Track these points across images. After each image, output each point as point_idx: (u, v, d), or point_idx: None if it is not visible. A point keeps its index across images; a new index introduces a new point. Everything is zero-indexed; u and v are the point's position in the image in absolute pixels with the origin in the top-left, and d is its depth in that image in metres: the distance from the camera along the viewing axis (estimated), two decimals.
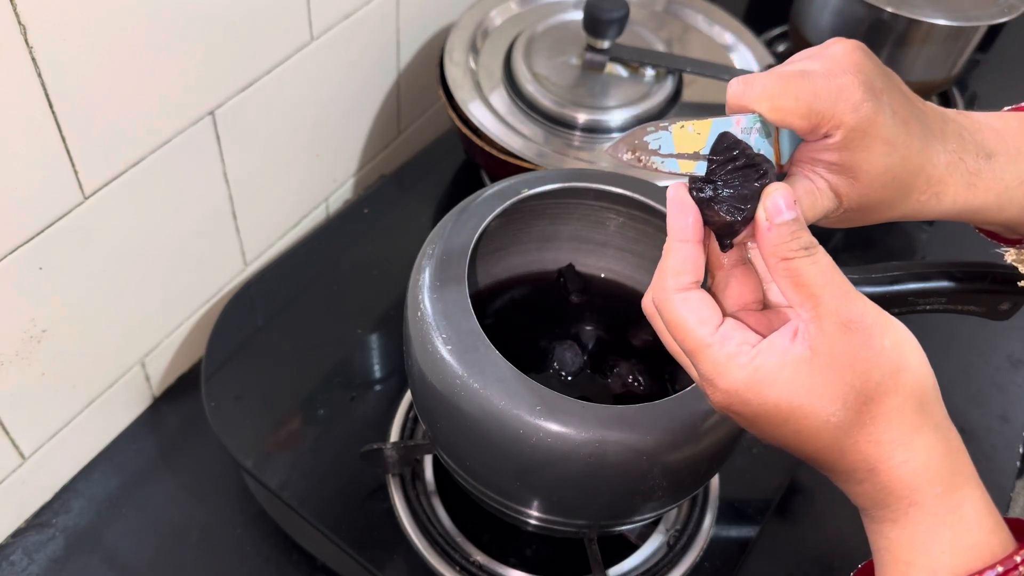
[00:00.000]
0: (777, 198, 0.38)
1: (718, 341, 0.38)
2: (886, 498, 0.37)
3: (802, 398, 0.36)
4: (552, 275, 0.67)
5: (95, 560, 0.69)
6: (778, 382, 0.37)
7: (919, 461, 0.37)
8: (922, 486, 0.37)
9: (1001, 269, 0.64)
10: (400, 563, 0.64)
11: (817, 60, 0.41)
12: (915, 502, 0.37)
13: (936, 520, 0.36)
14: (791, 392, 0.37)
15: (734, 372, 0.37)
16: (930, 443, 0.37)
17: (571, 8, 0.92)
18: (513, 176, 0.60)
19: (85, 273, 0.64)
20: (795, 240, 0.37)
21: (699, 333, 0.38)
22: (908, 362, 0.37)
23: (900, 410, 0.36)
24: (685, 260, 0.40)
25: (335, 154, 0.88)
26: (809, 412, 0.37)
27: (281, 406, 0.73)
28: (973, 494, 0.37)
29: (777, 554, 0.69)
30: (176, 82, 0.63)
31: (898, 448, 0.36)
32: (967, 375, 0.86)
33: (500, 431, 0.48)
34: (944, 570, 0.36)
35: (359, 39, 0.81)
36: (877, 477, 0.37)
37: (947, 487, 0.37)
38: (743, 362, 0.37)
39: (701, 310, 0.39)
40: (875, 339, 0.36)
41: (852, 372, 0.36)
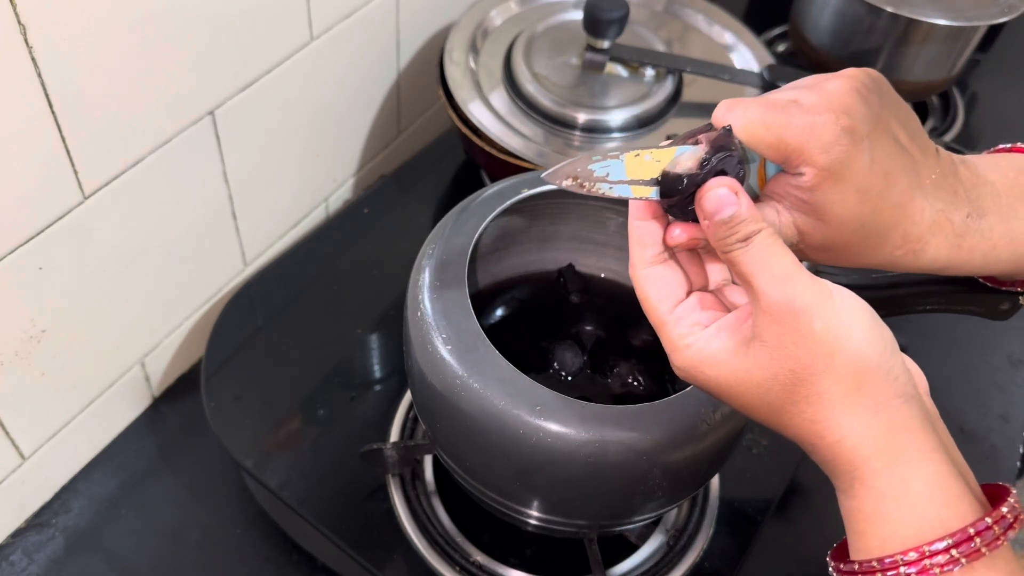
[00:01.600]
0: (716, 194, 0.39)
1: (672, 321, 0.41)
2: (833, 470, 0.39)
3: (739, 376, 0.39)
4: (552, 275, 0.67)
5: (95, 560, 0.69)
6: (719, 363, 0.40)
7: (853, 439, 0.38)
8: (860, 462, 0.38)
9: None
10: (400, 563, 0.64)
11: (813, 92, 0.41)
12: (857, 477, 0.38)
13: (879, 494, 0.38)
14: (730, 371, 0.39)
15: (683, 351, 0.41)
16: (864, 423, 0.38)
17: (571, 8, 0.92)
18: (513, 176, 0.60)
19: (85, 273, 0.64)
20: (732, 236, 0.39)
21: (659, 310, 0.42)
22: (843, 345, 0.37)
23: (832, 391, 0.38)
24: (643, 235, 0.42)
25: (335, 154, 0.88)
26: (746, 391, 0.39)
27: (281, 406, 0.73)
28: (924, 468, 0.37)
29: (777, 554, 0.69)
30: (176, 82, 0.63)
31: (831, 427, 0.38)
32: (967, 375, 0.86)
33: (500, 431, 0.48)
34: (893, 541, 0.37)
35: (359, 39, 0.81)
36: (818, 452, 0.39)
37: (887, 463, 0.37)
38: (690, 342, 0.40)
39: (661, 288, 0.42)
40: (804, 324, 0.37)
41: (783, 355, 0.38)
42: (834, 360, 0.37)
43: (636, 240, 0.42)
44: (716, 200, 0.39)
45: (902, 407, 0.38)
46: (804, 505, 0.73)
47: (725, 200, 0.39)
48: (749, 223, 0.38)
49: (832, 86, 0.41)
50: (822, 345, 0.37)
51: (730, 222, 0.38)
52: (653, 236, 0.42)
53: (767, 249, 0.38)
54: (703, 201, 0.39)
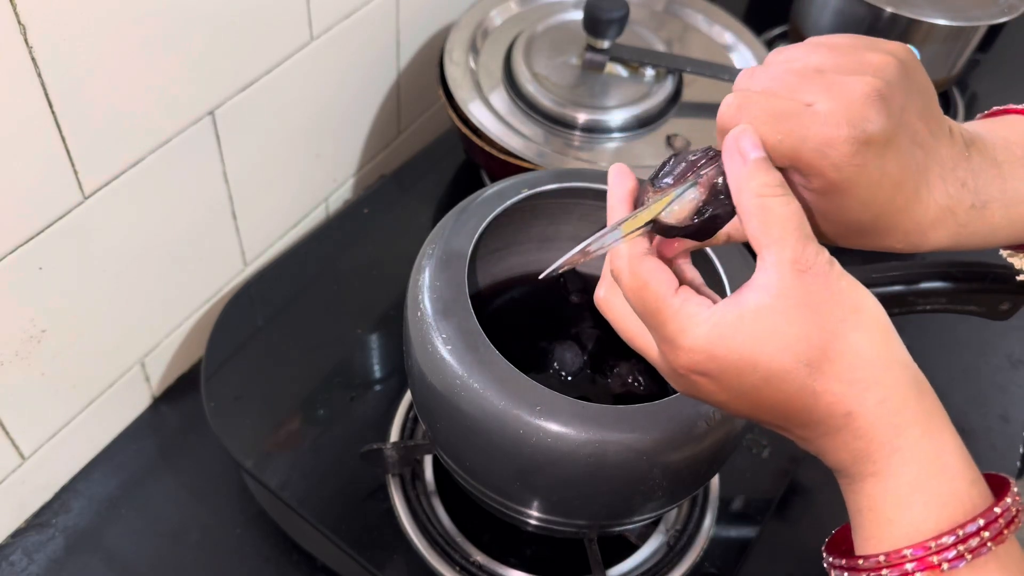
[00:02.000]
0: (748, 135, 0.37)
1: (680, 300, 0.38)
2: (867, 446, 0.36)
3: (765, 343, 0.36)
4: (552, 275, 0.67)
5: (95, 560, 0.69)
6: (740, 331, 0.36)
7: (895, 400, 0.36)
8: (903, 427, 0.35)
9: (1001, 269, 0.64)
10: (400, 563, 0.64)
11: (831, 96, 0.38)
12: (897, 447, 0.36)
13: (919, 468, 0.35)
14: (754, 339, 0.36)
15: (697, 327, 0.37)
16: (903, 380, 0.36)
17: (571, 8, 0.92)
18: (513, 176, 0.60)
19: (85, 273, 0.64)
20: (769, 175, 0.37)
21: (660, 291, 0.38)
22: (865, 302, 0.37)
23: (866, 346, 0.36)
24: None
25: (335, 154, 0.88)
26: (774, 355, 0.36)
27: (281, 406, 0.73)
28: (951, 441, 0.36)
29: (777, 554, 0.69)
30: (176, 82, 0.63)
31: (871, 388, 0.36)
32: (967, 375, 0.86)
33: (500, 431, 0.48)
34: (927, 524, 0.35)
35: (359, 39, 0.81)
36: (854, 422, 0.36)
37: (925, 429, 0.36)
38: (705, 316, 0.37)
39: (660, 273, 0.39)
40: (832, 280, 0.36)
41: (813, 311, 0.36)
42: (861, 315, 0.36)
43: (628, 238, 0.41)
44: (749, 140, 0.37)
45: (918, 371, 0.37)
46: (804, 505, 0.73)
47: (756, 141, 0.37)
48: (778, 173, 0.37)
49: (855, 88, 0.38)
50: (849, 298, 0.36)
51: (767, 163, 0.37)
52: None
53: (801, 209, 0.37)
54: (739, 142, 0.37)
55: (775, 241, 0.36)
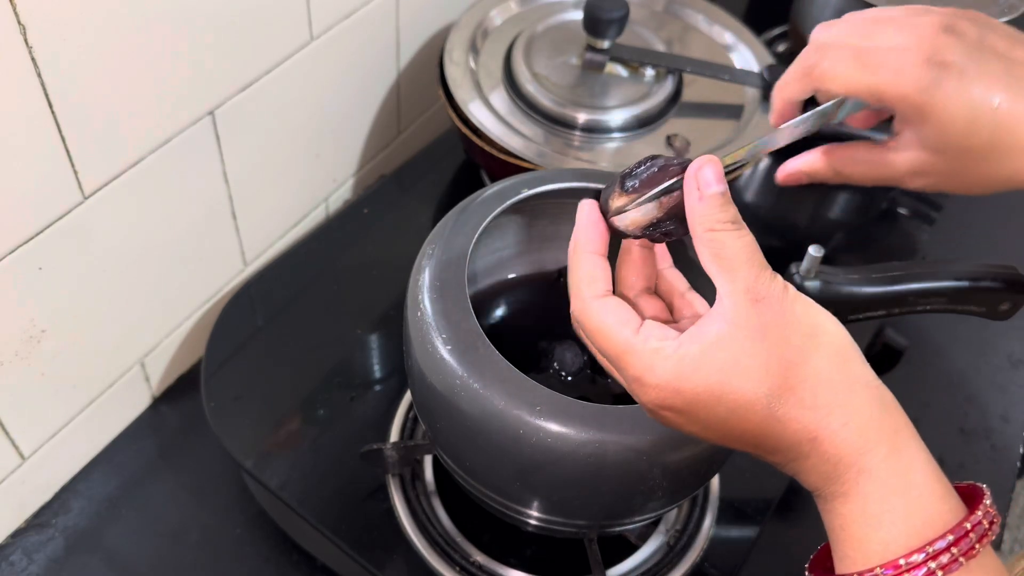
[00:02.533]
0: (708, 170, 0.38)
1: (641, 339, 0.39)
2: (834, 469, 0.37)
3: (727, 374, 0.36)
4: (552, 275, 0.67)
5: (95, 560, 0.69)
6: (703, 364, 0.37)
7: (859, 421, 0.36)
8: (867, 448, 0.36)
9: (1001, 269, 0.64)
10: (400, 563, 0.64)
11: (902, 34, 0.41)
12: (863, 468, 0.36)
13: (886, 488, 0.36)
14: (717, 371, 0.37)
15: (661, 364, 0.38)
16: (865, 401, 0.36)
17: (571, 8, 0.92)
18: (513, 176, 0.60)
19: (85, 273, 0.64)
20: (724, 212, 0.38)
21: (622, 335, 0.39)
22: (822, 325, 0.37)
23: (826, 370, 0.36)
24: (594, 268, 0.41)
25: (335, 154, 0.88)
26: (737, 386, 0.36)
27: (281, 406, 0.73)
28: (919, 456, 0.36)
29: (777, 554, 0.69)
30: (176, 82, 0.63)
31: (835, 411, 0.36)
32: (967, 375, 0.86)
33: (500, 431, 0.48)
34: (897, 542, 0.35)
35: (359, 39, 0.81)
36: (820, 446, 0.37)
37: (891, 447, 0.36)
38: (668, 353, 0.38)
39: (620, 312, 0.40)
40: (787, 307, 0.37)
41: (770, 339, 0.36)
42: (818, 339, 0.37)
43: (588, 274, 0.41)
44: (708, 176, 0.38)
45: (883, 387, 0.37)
46: (804, 505, 0.73)
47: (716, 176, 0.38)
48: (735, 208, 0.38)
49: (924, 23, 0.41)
50: (805, 323, 0.37)
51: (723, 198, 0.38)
52: (605, 271, 0.42)
53: (754, 242, 0.38)
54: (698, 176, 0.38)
55: (726, 271, 0.37)
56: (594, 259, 0.42)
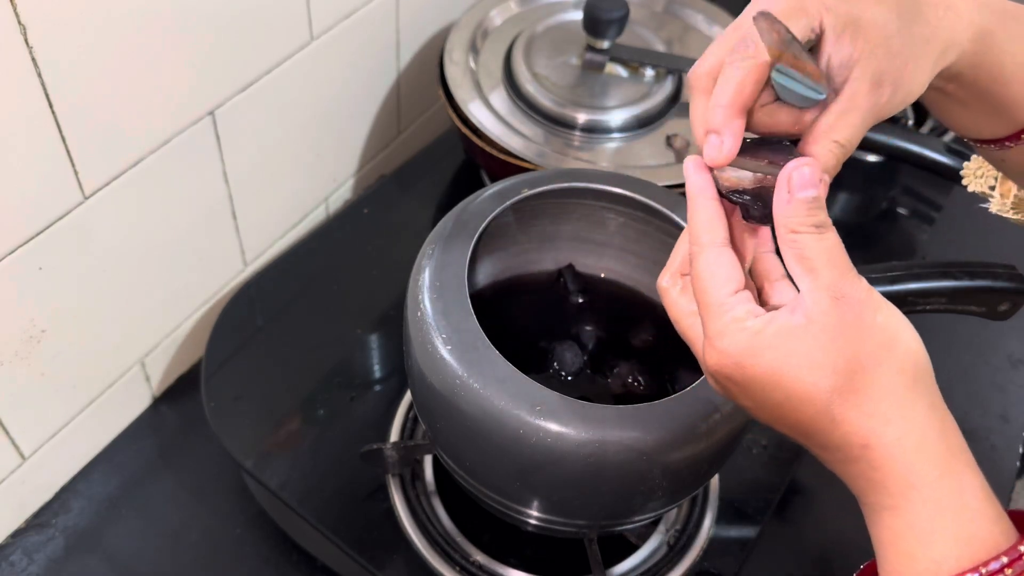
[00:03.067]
0: (804, 172, 0.38)
1: (731, 303, 0.38)
2: (883, 479, 0.37)
3: (793, 361, 0.37)
4: (552, 275, 0.67)
5: (95, 560, 0.69)
6: (772, 347, 0.37)
7: (914, 439, 0.36)
8: (919, 467, 0.36)
9: (1001, 269, 0.64)
10: (400, 563, 0.64)
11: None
12: (913, 485, 0.36)
13: (937, 506, 0.36)
14: (784, 356, 0.37)
15: (735, 335, 0.38)
16: (925, 421, 0.36)
17: (571, 8, 0.92)
18: (513, 176, 0.60)
19: (85, 273, 0.64)
20: (810, 216, 0.38)
21: (722, 291, 0.39)
22: (901, 337, 0.37)
23: (892, 382, 0.36)
24: (714, 216, 0.40)
25: (335, 154, 0.88)
26: (799, 375, 0.36)
27: (281, 406, 0.73)
28: (973, 481, 0.36)
29: (777, 554, 0.69)
30: (176, 82, 0.63)
31: (891, 423, 0.36)
32: (967, 375, 0.86)
33: (500, 431, 0.48)
34: (948, 561, 0.35)
35: (359, 39, 0.81)
36: (871, 454, 0.36)
37: (944, 470, 0.36)
38: (746, 326, 0.38)
39: (731, 269, 0.39)
40: (867, 313, 0.37)
41: (844, 339, 0.36)
42: (893, 351, 0.37)
43: (707, 219, 0.40)
44: (803, 177, 0.38)
45: (946, 414, 0.37)
46: (804, 505, 0.73)
47: (811, 179, 0.38)
48: (824, 211, 0.38)
49: None
50: (883, 334, 0.37)
51: (814, 202, 0.38)
52: (723, 221, 0.41)
53: (840, 245, 0.38)
54: (792, 176, 0.38)
55: (808, 271, 0.37)
56: (714, 205, 0.41)
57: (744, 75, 0.39)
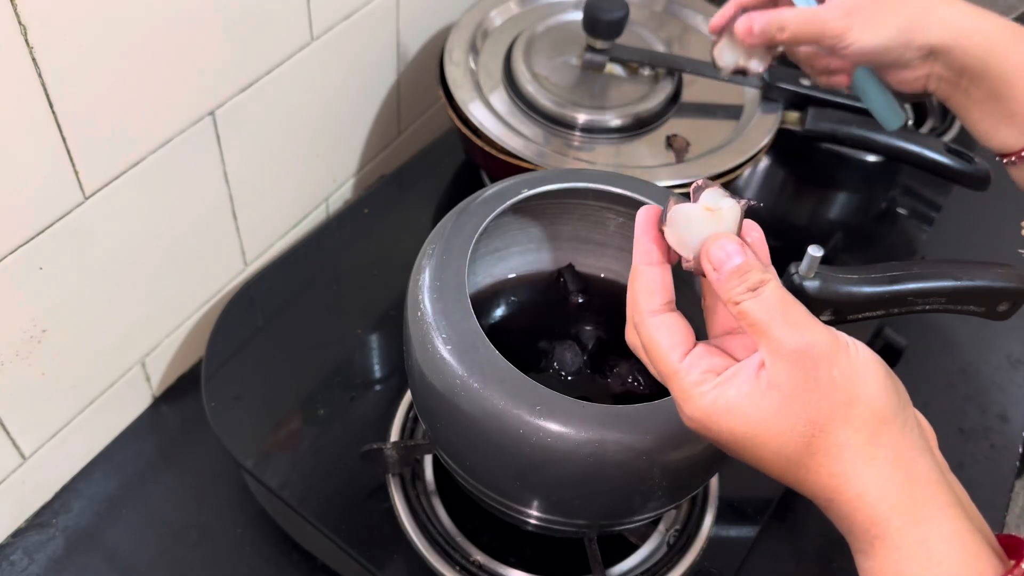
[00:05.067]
0: (723, 246, 0.39)
1: (684, 368, 0.40)
2: (851, 528, 0.38)
3: (755, 427, 0.38)
4: (552, 275, 0.67)
5: (95, 560, 0.69)
6: (734, 412, 0.38)
7: (874, 494, 0.37)
8: (880, 519, 0.37)
9: (1001, 269, 0.64)
10: (400, 563, 0.64)
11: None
12: (878, 535, 0.37)
13: (901, 554, 0.36)
14: (746, 421, 0.38)
15: (696, 400, 0.39)
16: (886, 476, 0.37)
17: (571, 8, 0.92)
18: (513, 176, 0.60)
19: (85, 273, 0.64)
20: (742, 283, 0.38)
21: (670, 359, 0.40)
22: (861, 392, 0.37)
23: (851, 440, 0.37)
24: (652, 281, 0.41)
25: (335, 154, 0.88)
26: (762, 441, 0.38)
27: (281, 406, 0.73)
28: (943, 526, 0.36)
29: (777, 554, 0.69)
30: (176, 82, 0.63)
31: (851, 481, 0.37)
32: (967, 375, 0.86)
33: (500, 431, 0.48)
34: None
35: (359, 39, 0.81)
36: (837, 508, 0.38)
37: (908, 520, 0.36)
38: (705, 390, 0.39)
39: (672, 335, 0.40)
40: (823, 370, 0.37)
41: (800, 403, 0.37)
42: (852, 409, 0.37)
43: (645, 286, 0.41)
44: (723, 250, 0.39)
45: (919, 459, 0.37)
46: (804, 505, 0.73)
47: (731, 251, 0.39)
48: (756, 272, 0.38)
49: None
50: (841, 393, 0.37)
51: (738, 271, 0.38)
52: (664, 283, 0.42)
53: (779, 297, 0.38)
54: (709, 252, 0.39)
55: (760, 335, 0.38)
56: (651, 271, 0.42)
57: None
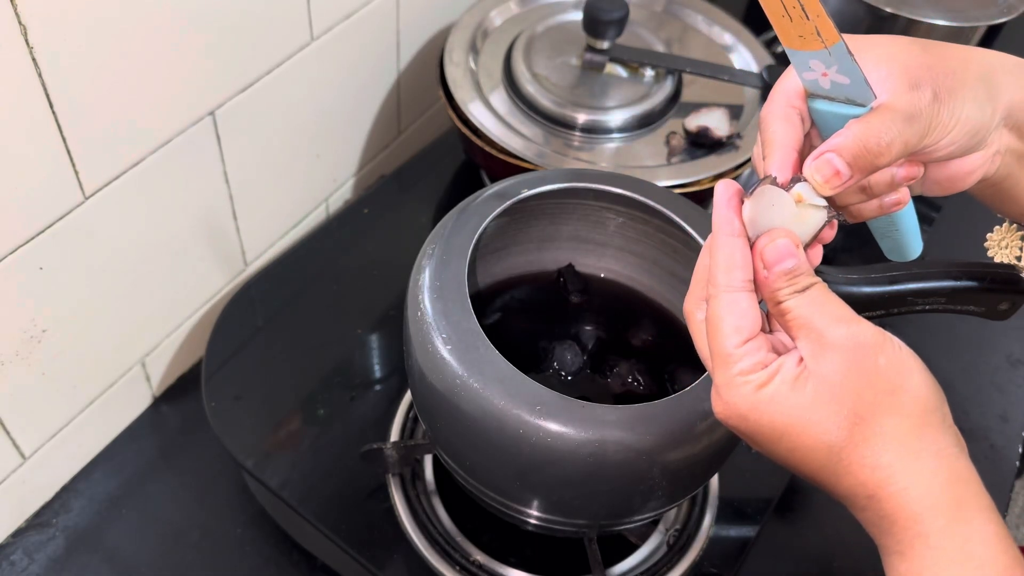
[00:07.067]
0: (779, 246, 0.38)
1: (737, 355, 0.38)
2: (890, 527, 0.36)
3: (795, 418, 0.37)
4: (552, 275, 0.67)
5: (95, 560, 0.69)
6: (775, 403, 0.37)
7: (920, 489, 0.35)
8: (925, 517, 0.35)
9: (1000, 269, 0.64)
10: (400, 563, 0.64)
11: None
12: (919, 534, 0.35)
13: (942, 556, 0.35)
14: (787, 412, 0.37)
15: (739, 388, 0.38)
16: (931, 470, 0.36)
17: (571, 8, 0.92)
18: (513, 176, 0.60)
19: (85, 273, 0.64)
20: (790, 286, 0.38)
21: (728, 342, 0.38)
22: (907, 382, 0.36)
23: (896, 431, 0.36)
24: (734, 254, 0.39)
25: (335, 154, 0.88)
26: (802, 431, 0.37)
27: (281, 406, 0.73)
28: (985, 528, 0.35)
29: (777, 554, 0.69)
30: (176, 82, 0.63)
31: (897, 474, 0.36)
32: (967, 375, 0.86)
33: (500, 431, 0.48)
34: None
35: (359, 39, 0.81)
36: (878, 504, 0.36)
37: (951, 519, 0.35)
38: (751, 379, 0.38)
39: (741, 318, 0.38)
40: (868, 358, 0.36)
41: (844, 391, 0.36)
42: (898, 397, 0.36)
43: (727, 259, 0.39)
44: (778, 250, 0.38)
45: (960, 456, 0.36)
46: (804, 505, 0.73)
47: (786, 251, 0.38)
48: (806, 276, 0.38)
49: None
50: (886, 381, 0.36)
51: (791, 273, 0.38)
52: (744, 258, 0.39)
53: (824, 295, 0.38)
54: (764, 250, 0.38)
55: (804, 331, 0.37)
56: (733, 243, 0.39)
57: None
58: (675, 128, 0.84)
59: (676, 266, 0.65)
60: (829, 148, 0.39)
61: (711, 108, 0.82)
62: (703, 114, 0.82)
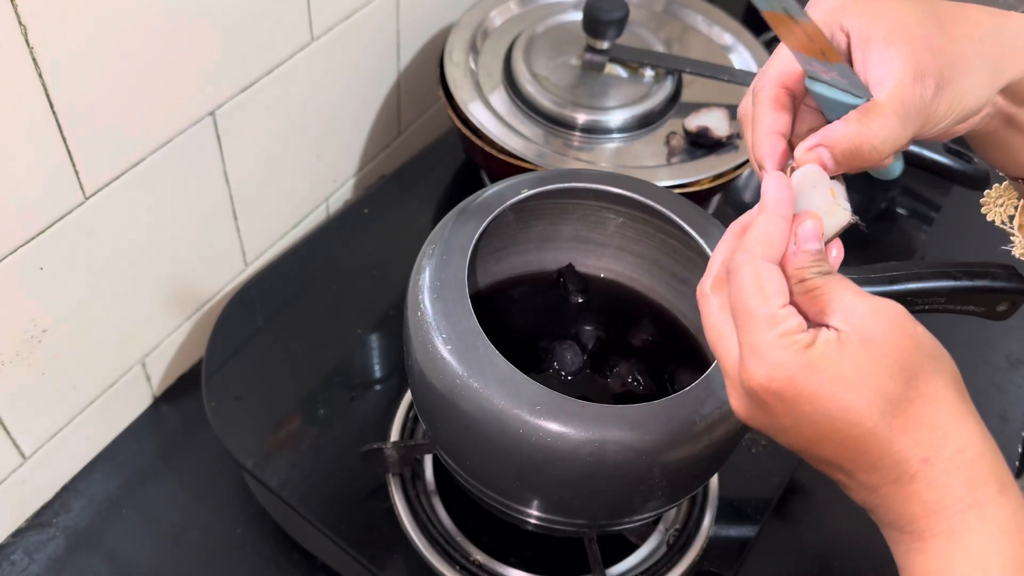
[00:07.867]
0: (807, 225, 0.39)
1: (783, 315, 0.36)
2: (941, 499, 0.34)
3: (851, 372, 0.35)
4: (552, 275, 0.67)
5: (95, 560, 0.69)
6: (828, 358, 0.35)
7: (972, 452, 0.34)
8: (979, 481, 0.34)
9: (1000, 269, 0.64)
10: (400, 563, 0.64)
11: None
12: (974, 502, 0.34)
13: (998, 527, 0.33)
14: (842, 367, 0.35)
15: (786, 348, 0.36)
16: (978, 434, 0.35)
17: (571, 8, 0.92)
18: (513, 176, 0.60)
19: (86, 273, 0.64)
20: (815, 265, 0.38)
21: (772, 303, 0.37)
22: (942, 350, 0.37)
23: (946, 392, 0.35)
24: (776, 234, 0.39)
25: (335, 154, 0.88)
26: (860, 384, 0.34)
27: (281, 406, 0.73)
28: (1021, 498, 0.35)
29: (777, 554, 0.69)
30: (177, 82, 0.63)
31: (950, 434, 0.34)
32: (967, 375, 0.85)
33: (500, 431, 0.48)
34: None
35: (359, 40, 0.81)
36: (931, 469, 0.34)
37: (1002, 486, 0.34)
38: (799, 339, 0.36)
39: (782, 284, 0.37)
40: (908, 323, 0.36)
41: (893, 348, 0.35)
42: (940, 363, 0.36)
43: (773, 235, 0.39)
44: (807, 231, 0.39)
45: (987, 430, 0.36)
46: (804, 505, 0.73)
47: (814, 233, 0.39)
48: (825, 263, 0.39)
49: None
50: (927, 346, 0.36)
51: (818, 254, 0.38)
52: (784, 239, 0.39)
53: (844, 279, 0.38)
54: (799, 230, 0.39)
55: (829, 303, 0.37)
56: (781, 224, 0.39)
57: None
58: (675, 128, 0.84)
59: (676, 266, 0.65)
60: (823, 142, 0.40)
61: (711, 108, 0.82)
62: (703, 114, 0.82)
